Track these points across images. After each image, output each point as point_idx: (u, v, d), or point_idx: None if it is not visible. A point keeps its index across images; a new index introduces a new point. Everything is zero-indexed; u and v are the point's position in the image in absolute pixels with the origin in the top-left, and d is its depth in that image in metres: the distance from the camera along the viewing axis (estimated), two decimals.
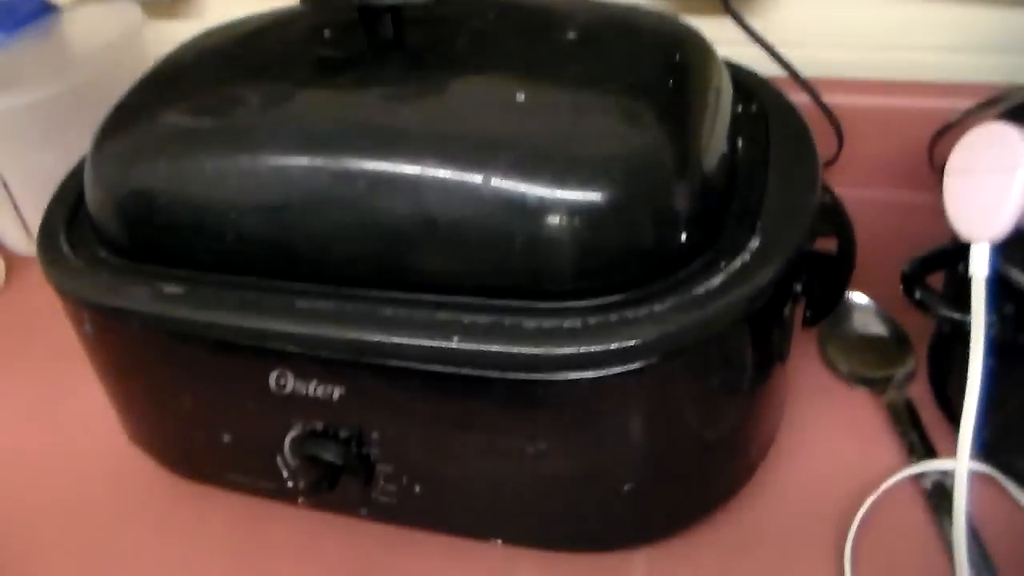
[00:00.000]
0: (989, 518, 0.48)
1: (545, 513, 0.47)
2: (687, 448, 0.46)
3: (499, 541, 0.49)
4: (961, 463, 0.44)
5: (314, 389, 0.44)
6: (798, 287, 0.46)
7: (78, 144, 0.73)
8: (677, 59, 0.48)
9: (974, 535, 0.46)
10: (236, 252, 0.45)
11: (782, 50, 0.68)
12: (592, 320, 0.40)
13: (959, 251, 0.46)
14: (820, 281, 0.47)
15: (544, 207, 0.40)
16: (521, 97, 0.44)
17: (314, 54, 0.50)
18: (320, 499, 0.49)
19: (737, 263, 0.42)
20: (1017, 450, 0.49)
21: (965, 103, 0.60)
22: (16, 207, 0.75)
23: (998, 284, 0.44)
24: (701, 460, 0.47)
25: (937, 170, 0.58)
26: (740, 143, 0.50)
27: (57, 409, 0.64)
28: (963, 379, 0.44)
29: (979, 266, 0.44)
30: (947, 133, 0.63)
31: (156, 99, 0.50)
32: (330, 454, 0.45)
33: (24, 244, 0.77)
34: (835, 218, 0.50)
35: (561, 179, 0.40)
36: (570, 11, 0.51)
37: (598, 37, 0.49)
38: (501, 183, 0.40)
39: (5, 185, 0.74)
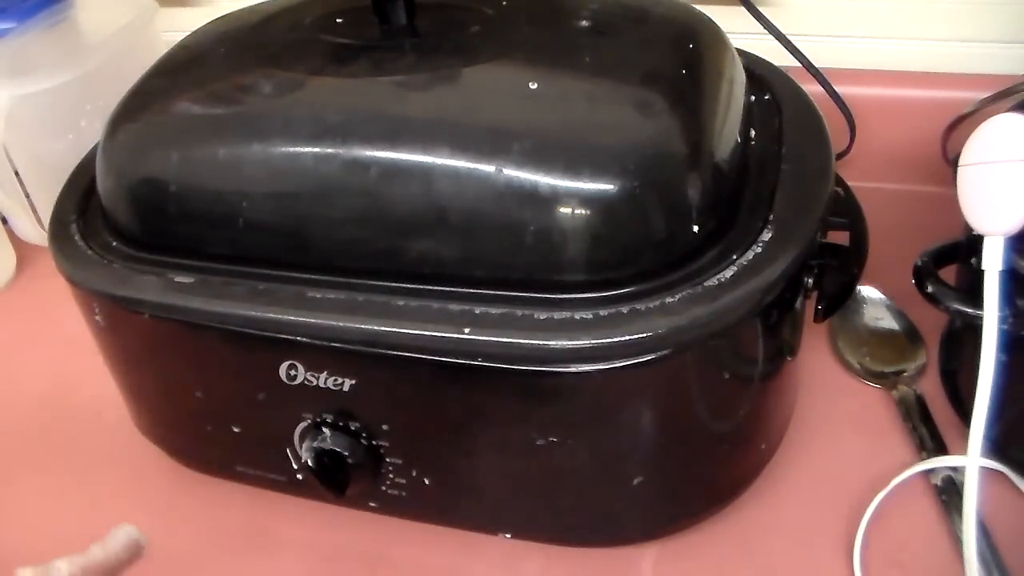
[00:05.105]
0: (999, 514, 0.47)
1: (554, 506, 0.47)
2: (697, 442, 0.45)
3: (508, 535, 0.49)
4: (972, 459, 0.44)
5: (324, 380, 0.44)
6: (809, 280, 0.46)
7: (90, 132, 0.73)
8: (690, 48, 0.48)
9: (984, 532, 0.46)
10: (247, 241, 0.45)
11: (795, 40, 0.67)
12: (603, 312, 0.40)
13: (972, 244, 0.46)
14: (832, 274, 0.47)
15: (556, 197, 0.40)
16: (534, 86, 0.44)
17: (327, 41, 0.50)
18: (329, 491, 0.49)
19: (749, 255, 0.42)
20: None
21: (979, 94, 0.60)
22: (28, 196, 0.75)
23: (1011, 278, 0.44)
24: (711, 454, 0.47)
25: (951, 162, 0.58)
26: (753, 133, 0.49)
27: (68, 399, 0.64)
28: (975, 374, 0.44)
29: (992, 259, 0.44)
30: (961, 124, 0.63)
31: (169, 87, 0.50)
32: (340, 446, 0.45)
33: (36, 234, 0.78)
34: (847, 210, 0.50)
35: (573, 169, 0.40)
36: None
37: (611, 25, 0.49)
38: (513, 173, 0.40)
39: (17, 174, 0.74)
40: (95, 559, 0.45)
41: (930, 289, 0.47)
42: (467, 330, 0.40)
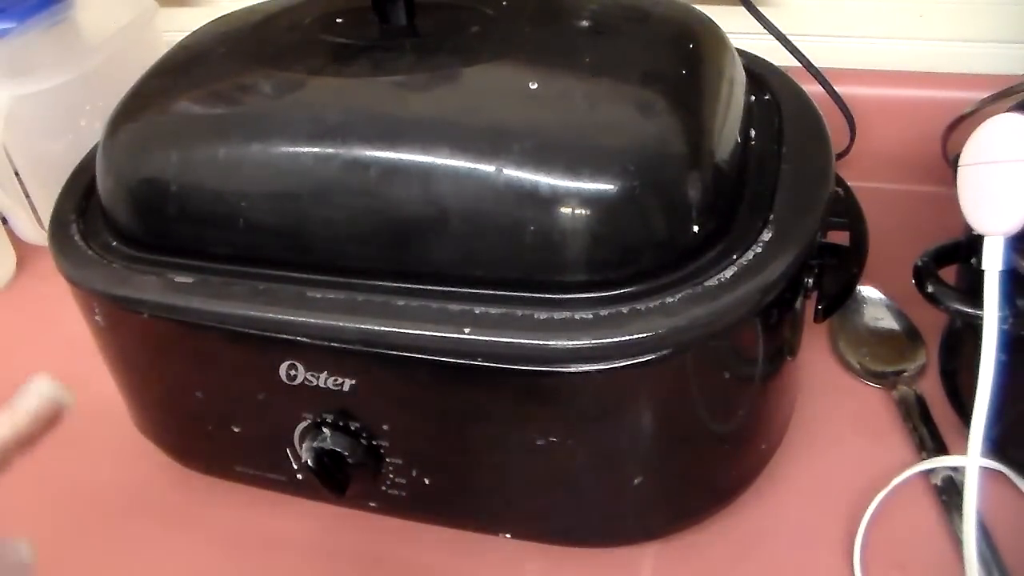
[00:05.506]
0: (1000, 515, 0.47)
1: (554, 507, 0.46)
2: (697, 442, 0.45)
3: (508, 535, 0.49)
4: (972, 459, 0.44)
5: (324, 380, 0.44)
6: (809, 280, 0.46)
7: (90, 132, 0.73)
8: (690, 48, 0.47)
9: (984, 532, 0.46)
10: (247, 241, 0.45)
11: (795, 40, 0.67)
12: (603, 312, 0.40)
13: (972, 244, 0.46)
14: (832, 274, 0.47)
15: (556, 197, 0.40)
16: (534, 86, 0.44)
17: (327, 41, 0.50)
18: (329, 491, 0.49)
19: (749, 255, 0.42)
20: None
21: (979, 94, 0.60)
22: (28, 196, 0.75)
23: (1011, 278, 0.44)
24: (711, 454, 0.47)
25: (951, 162, 0.58)
26: (753, 133, 0.49)
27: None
28: (975, 374, 0.44)
29: (992, 259, 0.44)
30: (961, 124, 0.63)
31: (169, 87, 0.50)
32: (340, 446, 0.45)
33: (36, 234, 0.78)
34: (847, 210, 0.50)
35: (573, 169, 0.40)
36: None
37: (611, 25, 0.49)
38: (513, 173, 0.40)
39: (17, 174, 0.74)
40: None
41: (930, 289, 0.47)
42: (467, 330, 0.40)
